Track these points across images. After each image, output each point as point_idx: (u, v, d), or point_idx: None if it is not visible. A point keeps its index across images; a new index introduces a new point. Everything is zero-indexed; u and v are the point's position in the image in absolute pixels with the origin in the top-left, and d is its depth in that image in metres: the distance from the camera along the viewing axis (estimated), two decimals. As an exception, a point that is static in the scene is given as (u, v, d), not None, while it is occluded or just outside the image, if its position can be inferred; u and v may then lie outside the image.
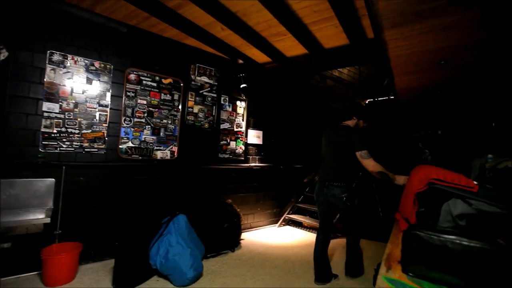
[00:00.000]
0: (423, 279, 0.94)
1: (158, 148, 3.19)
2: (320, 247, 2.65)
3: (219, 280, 2.51)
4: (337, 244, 3.75)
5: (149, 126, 3.13)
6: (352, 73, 6.19)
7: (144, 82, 3.08)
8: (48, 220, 2.28)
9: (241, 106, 4.06)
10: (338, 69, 5.72)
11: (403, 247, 1.02)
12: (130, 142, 2.99)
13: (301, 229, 4.42)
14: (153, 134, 3.15)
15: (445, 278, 0.91)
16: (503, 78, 3.22)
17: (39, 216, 2.38)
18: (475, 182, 1.44)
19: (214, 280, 2.51)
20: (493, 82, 3.39)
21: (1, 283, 2.14)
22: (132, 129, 3.00)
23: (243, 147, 4.07)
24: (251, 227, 4.19)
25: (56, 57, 2.54)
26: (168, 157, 3.28)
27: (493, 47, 2.47)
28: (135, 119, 3.02)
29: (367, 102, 6.35)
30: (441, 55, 2.69)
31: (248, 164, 4.12)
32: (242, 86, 3.89)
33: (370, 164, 2.30)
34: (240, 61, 3.79)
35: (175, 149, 3.33)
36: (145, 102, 3.09)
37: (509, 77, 3.08)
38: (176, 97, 3.33)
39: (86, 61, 2.70)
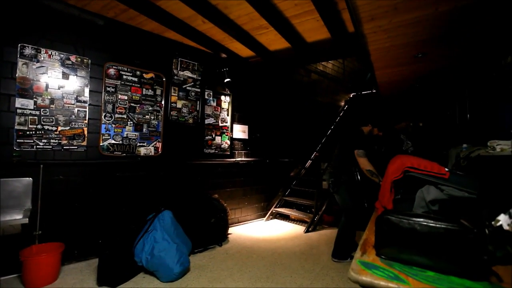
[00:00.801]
0: (394, 261, 0.99)
1: (141, 144, 3.14)
2: (339, 227, 2.98)
3: (206, 275, 2.53)
4: (323, 235, 3.84)
5: (131, 122, 3.06)
6: (336, 67, 6.27)
7: (124, 77, 3.00)
8: (26, 220, 2.20)
9: (225, 100, 4.04)
10: (323, 63, 5.78)
11: (376, 232, 1.06)
12: (111, 139, 2.92)
13: (288, 222, 4.49)
14: (135, 130, 3.09)
15: (415, 258, 0.96)
16: (477, 71, 3.36)
17: (16, 217, 2.29)
18: (446, 169, 1.52)
19: (201, 275, 2.52)
20: (468, 75, 3.53)
21: (-23, 287, 2.07)
22: (113, 125, 2.93)
23: (228, 142, 4.06)
24: (238, 222, 4.22)
25: (28, 50, 2.43)
26: (152, 153, 3.23)
27: (467, 40, 2.57)
28: (116, 115, 2.95)
29: (351, 96, 6.47)
30: (418, 49, 2.78)
31: (234, 159, 4.12)
32: (226, 80, 3.86)
33: (361, 162, 2.71)
34: (224, 55, 3.76)
35: (159, 145, 3.28)
36: (126, 97, 3.02)
37: (482, 70, 3.21)
38: (158, 92, 3.27)
39: (61, 55, 2.60)
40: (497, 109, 2.69)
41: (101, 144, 2.85)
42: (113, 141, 2.93)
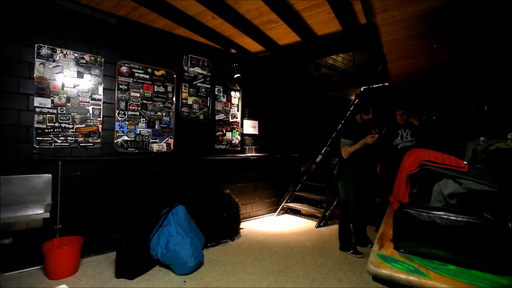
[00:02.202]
0: (413, 254, 0.98)
1: (154, 140, 3.19)
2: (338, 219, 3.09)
3: (219, 268, 2.57)
4: (335, 230, 3.82)
5: (144, 119, 3.11)
6: (347, 60, 6.16)
7: (136, 74, 3.04)
8: (47, 215, 2.29)
9: (235, 96, 4.05)
10: (332, 57, 5.69)
11: (394, 225, 1.05)
12: (125, 136, 2.98)
13: (299, 216, 4.50)
14: (148, 127, 3.14)
15: (434, 252, 0.95)
16: (495, 61, 3.24)
17: (38, 212, 2.38)
18: (465, 162, 1.48)
19: (214, 268, 2.57)
20: (486, 66, 3.41)
21: (4, 278, 2.17)
22: (126, 122, 2.99)
23: (239, 138, 4.08)
24: (250, 217, 4.25)
25: (45, 50, 2.50)
26: (164, 149, 3.28)
27: (484, 30, 2.47)
28: (129, 112, 3.01)
29: (362, 89, 6.36)
30: (432, 39, 2.70)
31: (244, 155, 4.14)
32: (236, 76, 3.86)
33: (342, 151, 2.89)
34: (233, 51, 3.75)
35: (171, 141, 3.33)
36: (138, 94, 3.07)
37: (501, 60, 3.10)
38: (169, 89, 3.31)
39: (75, 54, 2.66)
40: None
41: (115, 141, 2.92)
42: (126, 138, 2.99)
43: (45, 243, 2.35)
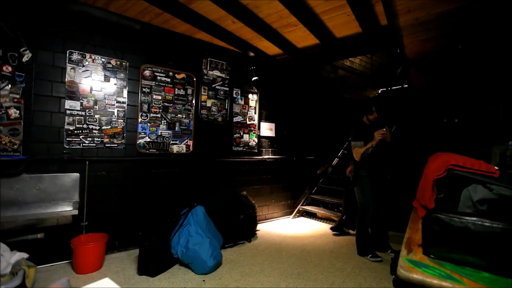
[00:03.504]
0: (444, 260, 0.96)
1: (174, 142, 3.28)
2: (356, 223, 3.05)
3: (238, 269, 2.60)
4: (352, 234, 3.77)
5: (165, 121, 3.21)
6: (364, 62, 6.07)
7: (158, 78, 3.15)
8: (76, 212, 2.41)
9: (253, 99, 4.09)
10: (350, 59, 5.62)
11: (424, 230, 1.04)
12: (147, 137, 3.09)
13: (315, 220, 4.46)
14: (168, 128, 3.24)
15: (467, 258, 0.93)
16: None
17: (67, 208, 2.52)
18: (496, 168, 1.43)
19: (233, 269, 2.60)
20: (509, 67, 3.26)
21: (37, 271, 2.30)
22: (148, 124, 3.09)
23: (256, 140, 4.11)
24: (265, 219, 4.26)
25: (75, 56, 2.64)
26: (184, 151, 3.36)
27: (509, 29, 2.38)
28: (151, 115, 3.11)
29: (379, 91, 6.24)
30: (457, 40, 2.62)
31: (261, 157, 4.17)
32: (253, 79, 3.90)
33: (354, 153, 2.86)
34: (251, 54, 3.80)
35: (190, 143, 3.41)
36: (160, 97, 3.17)
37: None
38: (189, 91, 3.39)
39: (103, 59, 2.79)
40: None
41: (138, 142, 3.02)
42: (148, 139, 3.09)
43: (73, 239, 2.47)
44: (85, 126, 2.71)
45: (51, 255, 2.51)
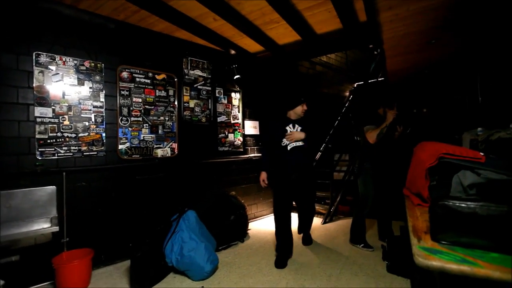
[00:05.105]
0: (454, 245, 1.01)
1: (158, 146, 3.13)
2: (353, 212, 3.12)
3: (235, 271, 2.56)
4: (341, 225, 3.89)
5: (147, 125, 3.05)
6: (340, 57, 6.25)
7: (137, 79, 2.98)
8: (56, 228, 2.21)
9: (236, 97, 4.03)
10: (327, 55, 5.76)
11: (431, 218, 1.08)
12: (129, 142, 2.91)
13: (303, 214, 4.52)
14: (151, 132, 3.08)
15: (475, 241, 0.98)
16: (488, 56, 3.37)
17: (45, 226, 2.30)
18: (481, 153, 1.54)
19: (230, 271, 2.55)
20: (480, 60, 3.54)
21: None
22: (129, 128, 2.92)
23: (241, 139, 4.06)
24: (255, 217, 4.25)
25: (43, 58, 2.40)
26: (169, 154, 3.23)
27: (479, 25, 2.57)
28: (132, 118, 2.94)
29: (355, 85, 6.47)
30: (431, 35, 2.78)
31: (247, 155, 4.13)
32: (235, 77, 3.85)
33: (369, 136, 2.82)
34: (233, 52, 3.74)
35: (175, 145, 3.28)
36: (140, 100, 3.00)
37: (496, 51, 3.23)
38: (171, 92, 3.26)
39: (75, 61, 2.57)
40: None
41: (119, 148, 2.84)
42: (130, 145, 2.92)
43: (55, 258, 2.27)
44: (59, 134, 2.48)
45: (32, 278, 2.28)
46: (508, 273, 0.83)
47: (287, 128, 2.86)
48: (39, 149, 2.38)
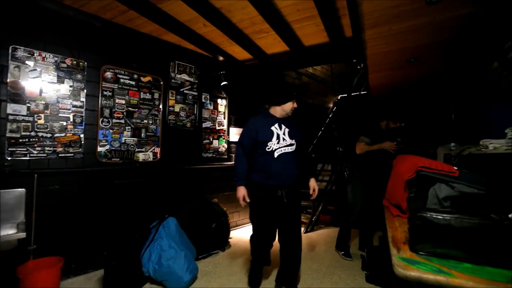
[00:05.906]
0: (431, 255, 1.05)
1: (139, 150, 3.04)
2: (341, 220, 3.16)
3: (215, 281, 2.49)
4: (322, 235, 3.92)
5: (129, 127, 2.96)
6: (325, 70, 6.45)
7: (121, 80, 2.89)
8: (23, 235, 2.06)
9: (222, 104, 4.02)
10: (313, 67, 5.92)
11: (410, 229, 1.12)
12: (109, 145, 2.80)
13: (285, 223, 4.53)
14: (133, 135, 2.99)
15: (450, 252, 1.02)
16: (462, 75, 3.62)
17: (10, 232, 2.14)
18: (455, 168, 1.63)
19: (210, 281, 2.48)
20: (453, 79, 3.79)
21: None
22: (110, 130, 2.82)
23: (225, 146, 4.04)
24: (237, 225, 4.19)
25: (20, 53, 2.28)
26: (151, 159, 3.14)
27: (457, 47, 2.76)
28: (114, 120, 2.84)
29: (339, 97, 6.68)
30: (411, 54, 2.95)
31: (231, 162, 4.10)
32: (222, 83, 3.85)
33: (357, 148, 2.94)
34: (221, 58, 3.74)
35: (157, 150, 3.19)
36: (123, 101, 2.91)
37: (467, 74, 3.47)
38: (156, 96, 3.19)
39: (56, 58, 2.47)
40: (488, 111, 2.90)
41: (98, 150, 2.73)
42: (110, 147, 2.81)
43: (20, 267, 2.10)
44: (33, 133, 2.35)
45: (-10, 288, 2.09)
46: (479, 283, 0.87)
47: (273, 128, 2.24)
48: (9, 149, 2.23)
